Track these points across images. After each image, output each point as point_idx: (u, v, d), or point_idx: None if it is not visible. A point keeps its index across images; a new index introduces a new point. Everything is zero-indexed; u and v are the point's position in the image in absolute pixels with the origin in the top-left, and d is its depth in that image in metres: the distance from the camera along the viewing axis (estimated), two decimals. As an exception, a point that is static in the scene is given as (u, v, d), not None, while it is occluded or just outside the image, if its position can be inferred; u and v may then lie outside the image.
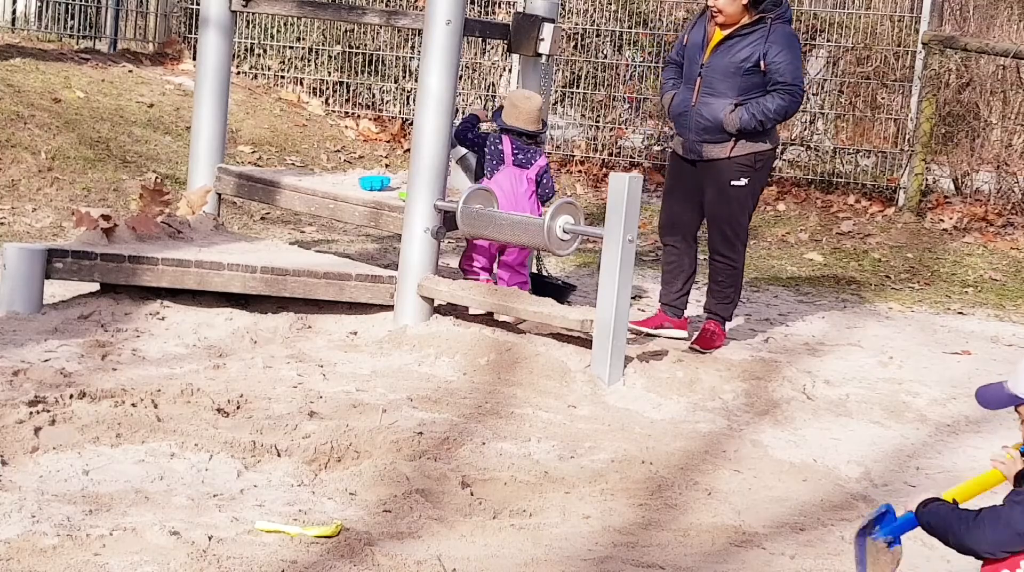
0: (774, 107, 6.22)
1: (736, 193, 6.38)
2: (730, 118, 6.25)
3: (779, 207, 10.74)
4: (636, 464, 4.58)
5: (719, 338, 6.46)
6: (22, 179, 8.28)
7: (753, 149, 6.35)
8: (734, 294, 6.53)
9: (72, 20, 11.97)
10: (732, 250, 6.46)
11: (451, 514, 4.06)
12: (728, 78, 6.27)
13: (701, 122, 6.34)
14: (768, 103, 6.23)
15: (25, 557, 3.42)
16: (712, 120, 6.30)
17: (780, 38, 6.24)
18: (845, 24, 11.28)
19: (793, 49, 6.28)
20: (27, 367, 5.04)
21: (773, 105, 6.22)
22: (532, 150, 6.45)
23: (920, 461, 5.04)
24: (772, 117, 6.25)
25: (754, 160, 6.38)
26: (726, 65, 6.27)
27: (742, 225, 6.47)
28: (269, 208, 8.61)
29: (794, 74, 6.25)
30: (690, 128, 6.39)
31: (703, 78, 6.34)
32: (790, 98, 6.24)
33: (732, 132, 6.27)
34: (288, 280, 6.07)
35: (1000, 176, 10.78)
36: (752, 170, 6.38)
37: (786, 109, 6.27)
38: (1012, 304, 8.43)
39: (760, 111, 6.22)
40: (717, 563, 3.89)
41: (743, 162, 6.35)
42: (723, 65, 6.28)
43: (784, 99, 6.22)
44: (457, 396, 5.21)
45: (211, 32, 6.85)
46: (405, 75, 12.19)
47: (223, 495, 4.04)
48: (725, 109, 6.26)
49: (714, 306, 6.50)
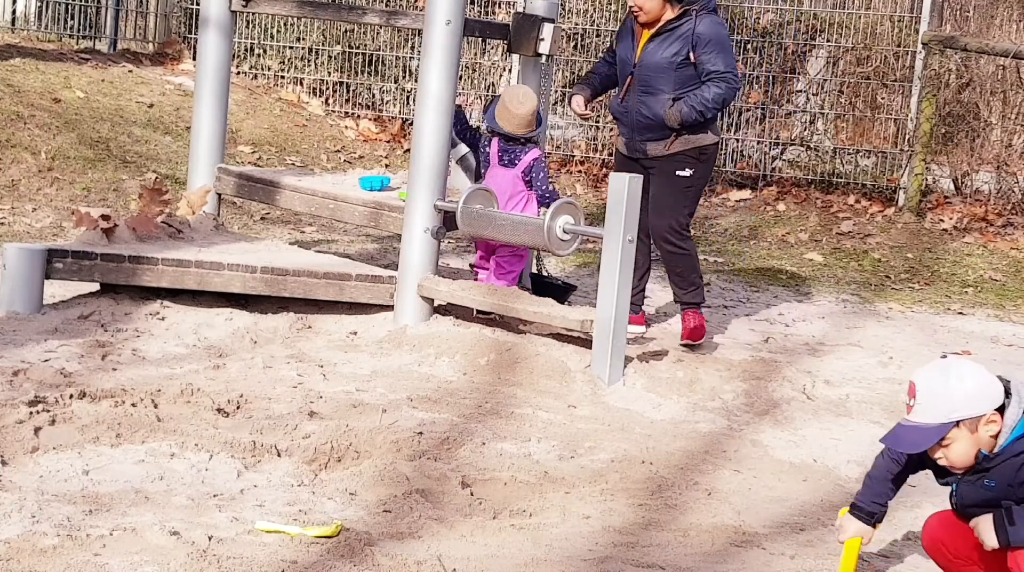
0: (711, 96, 6.26)
1: (681, 182, 6.46)
2: (670, 113, 6.31)
3: (779, 207, 10.74)
4: (636, 464, 4.58)
5: (701, 326, 6.49)
6: (22, 179, 8.28)
7: (696, 143, 6.42)
8: (697, 279, 6.58)
9: (72, 20, 11.97)
10: (681, 239, 6.51)
11: (451, 514, 4.06)
12: (661, 74, 6.32)
13: (642, 121, 6.41)
14: (705, 93, 6.26)
15: (25, 557, 3.42)
16: (652, 117, 6.37)
17: (707, 28, 6.26)
18: (845, 24, 11.27)
19: (721, 38, 6.31)
20: (27, 367, 5.04)
21: (710, 94, 6.26)
22: (519, 148, 6.41)
23: (920, 461, 5.03)
24: (711, 106, 6.29)
25: (698, 153, 6.46)
26: (658, 62, 6.32)
27: (687, 215, 6.56)
28: (269, 208, 8.60)
29: (726, 61, 6.28)
30: (632, 127, 6.47)
31: (636, 78, 6.40)
32: (726, 85, 6.27)
33: (674, 127, 6.33)
34: (288, 280, 6.07)
35: (1000, 176, 10.78)
36: (697, 162, 6.48)
37: (723, 97, 6.30)
38: (1012, 304, 8.43)
39: (699, 102, 6.26)
40: (717, 563, 3.90)
41: (688, 154, 6.44)
42: (655, 63, 6.33)
43: (720, 87, 6.26)
44: (457, 396, 5.21)
45: (211, 32, 6.85)
46: (405, 75, 12.19)
47: (223, 495, 4.04)
48: (664, 105, 6.32)
49: (684, 296, 6.53)
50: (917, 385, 3.46)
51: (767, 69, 11.32)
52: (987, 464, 3.47)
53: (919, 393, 3.45)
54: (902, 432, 3.49)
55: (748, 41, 11.34)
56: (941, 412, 3.42)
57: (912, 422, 3.47)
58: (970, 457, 3.46)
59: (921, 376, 3.48)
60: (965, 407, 3.41)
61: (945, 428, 3.42)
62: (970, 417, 3.41)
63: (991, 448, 3.46)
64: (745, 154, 11.45)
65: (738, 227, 10.25)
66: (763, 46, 11.33)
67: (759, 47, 11.34)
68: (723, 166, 11.26)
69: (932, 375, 3.46)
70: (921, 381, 3.46)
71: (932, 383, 3.44)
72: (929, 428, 3.43)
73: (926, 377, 3.46)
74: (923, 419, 3.44)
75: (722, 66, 6.25)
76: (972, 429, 3.43)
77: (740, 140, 11.42)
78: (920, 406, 3.44)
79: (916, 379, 3.48)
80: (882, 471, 3.77)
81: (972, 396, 3.41)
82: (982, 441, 3.44)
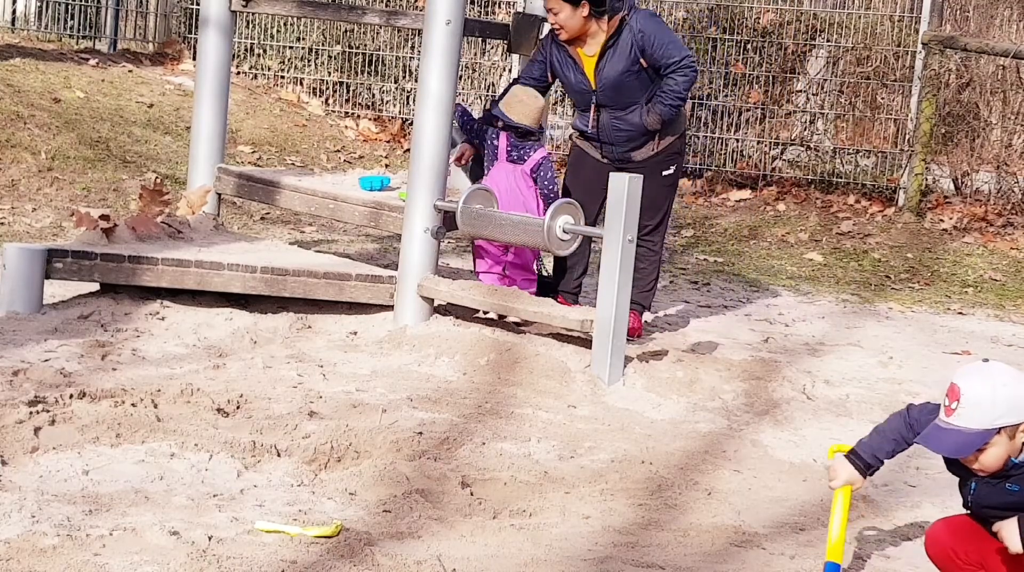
0: (680, 86, 6.27)
1: (666, 181, 6.50)
2: (651, 118, 6.33)
3: (779, 207, 10.74)
4: (636, 464, 4.58)
5: (638, 328, 6.50)
6: (22, 179, 8.28)
7: (675, 132, 6.48)
8: (654, 282, 6.63)
9: (72, 20, 11.97)
10: (655, 237, 6.55)
11: (451, 514, 4.06)
12: (626, 89, 6.32)
13: (623, 134, 6.43)
14: (672, 85, 6.26)
15: (25, 557, 3.42)
16: (635, 128, 6.39)
17: (643, 27, 6.23)
18: (845, 24, 11.27)
19: (661, 29, 6.30)
20: (27, 367, 5.04)
21: (678, 85, 6.26)
22: (528, 145, 6.42)
23: (920, 461, 5.03)
24: (683, 95, 6.31)
25: (680, 145, 6.56)
26: (617, 81, 6.30)
27: (667, 212, 6.61)
28: (269, 208, 8.60)
29: (676, 49, 6.26)
30: (612, 143, 6.48)
31: (600, 101, 6.40)
32: (688, 70, 6.26)
33: (657, 128, 6.36)
34: (288, 280, 6.07)
35: (1000, 176, 10.78)
36: (678, 156, 6.57)
37: (689, 82, 6.31)
38: (1012, 304, 8.43)
39: (670, 96, 6.27)
40: (717, 563, 3.89)
41: (671, 150, 6.50)
42: (613, 82, 6.31)
43: (684, 74, 6.25)
44: (457, 396, 5.21)
45: (211, 32, 6.84)
46: (405, 75, 12.19)
47: (223, 495, 4.04)
48: (641, 113, 6.34)
49: (636, 295, 6.43)
50: (961, 389, 3.41)
51: (767, 69, 11.32)
52: (1015, 471, 3.44)
53: (963, 397, 3.40)
54: (943, 435, 3.44)
55: (748, 41, 11.34)
56: (987, 418, 3.37)
57: (954, 425, 3.41)
58: (1001, 462, 3.43)
59: (965, 379, 3.43)
60: (1008, 414, 3.37)
61: (989, 434, 3.38)
62: (1012, 424, 3.38)
63: (1018, 453, 3.43)
64: (745, 154, 11.45)
65: (738, 227, 10.24)
66: (763, 46, 11.33)
67: (759, 47, 11.34)
68: (723, 166, 11.27)
69: (977, 379, 3.41)
70: (966, 385, 3.42)
71: (978, 388, 3.40)
72: (972, 433, 3.39)
73: (971, 381, 3.41)
74: (966, 424, 3.39)
75: (676, 55, 6.24)
76: (1011, 435, 3.40)
77: (740, 140, 11.42)
78: (964, 410, 3.39)
79: (960, 382, 3.43)
80: (893, 431, 3.76)
81: (1015, 403, 3.38)
82: (1015, 447, 3.41)
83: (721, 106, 11.40)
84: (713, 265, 9.02)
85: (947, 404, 3.44)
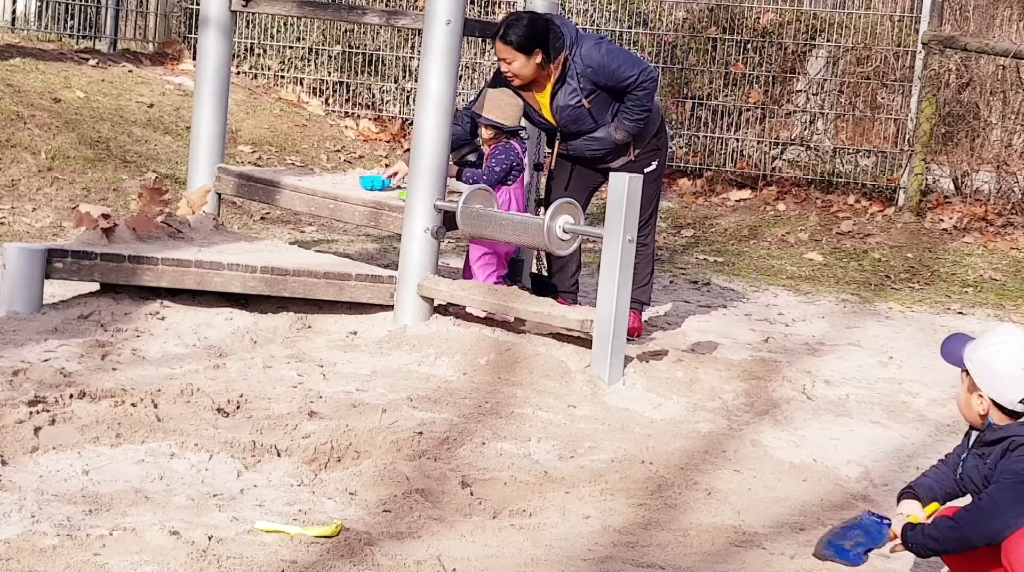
0: (641, 101, 6.28)
1: (649, 177, 6.48)
2: (619, 135, 6.37)
3: (779, 207, 10.74)
4: (636, 464, 4.58)
5: (638, 328, 6.51)
6: (22, 179, 8.28)
7: (650, 135, 6.50)
8: (649, 276, 6.63)
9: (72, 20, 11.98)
10: (645, 231, 6.54)
11: (451, 514, 4.06)
12: (586, 116, 6.33)
13: (598, 152, 6.47)
14: (634, 101, 6.27)
15: (25, 557, 3.42)
16: (607, 146, 6.44)
17: (588, 60, 6.21)
18: (845, 24, 11.27)
19: (605, 55, 6.24)
20: (27, 367, 5.03)
21: (639, 100, 6.28)
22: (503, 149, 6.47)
23: (920, 461, 5.03)
24: (647, 107, 6.32)
25: (657, 142, 6.57)
26: (573, 112, 6.31)
27: (655, 206, 6.63)
28: (269, 208, 8.61)
29: (628, 68, 6.24)
30: (591, 159, 6.53)
31: (564, 133, 6.44)
32: (646, 83, 6.25)
33: (628, 142, 6.41)
34: (288, 280, 6.07)
35: (1000, 176, 10.78)
36: (658, 151, 6.59)
37: (649, 95, 6.31)
38: (1012, 304, 8.43)
39: (634, 112, 6.30)
40: (717, 563, 3.89)
41: (649, 149, 6.53)
42: (570, 115, 6.32)
43: (643, 88, 6.26)
44: (457, 396, 5.21)
45: (211, 32, 6.84)
46: (405, 75, 12.19)
47: (223, 495, 4.04)
48: (608, 131, 6.37)
49: (633, 293, 6.47)
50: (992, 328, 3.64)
51: (767, 69, 11.33)
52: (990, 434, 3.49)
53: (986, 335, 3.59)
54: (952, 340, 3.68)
55: (748, 41, 11.34)
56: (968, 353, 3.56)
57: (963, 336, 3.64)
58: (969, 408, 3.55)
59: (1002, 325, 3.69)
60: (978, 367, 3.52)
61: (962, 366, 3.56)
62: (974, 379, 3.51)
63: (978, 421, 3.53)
64: (745, 154, 11.45)
65: (738, 227, 10.25)
66: (763, 46, 11.33)
67: (759, 47, 11.34)
68: (723, 166, 11.27)
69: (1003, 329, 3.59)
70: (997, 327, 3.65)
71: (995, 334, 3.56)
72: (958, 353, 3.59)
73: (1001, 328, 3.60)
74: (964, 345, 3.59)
75: (630, 73, 6.23)
76: (969, 388, 3.54)
77: (740, 140, 11.42)
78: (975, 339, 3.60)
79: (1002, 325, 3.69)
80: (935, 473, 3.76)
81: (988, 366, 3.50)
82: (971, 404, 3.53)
83: (721, 106, 11.41)
84: (713, 265, 9.03)
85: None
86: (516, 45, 6.17)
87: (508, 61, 6.22)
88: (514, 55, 6.19)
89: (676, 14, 11.69)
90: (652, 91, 6.31)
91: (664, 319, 7.13)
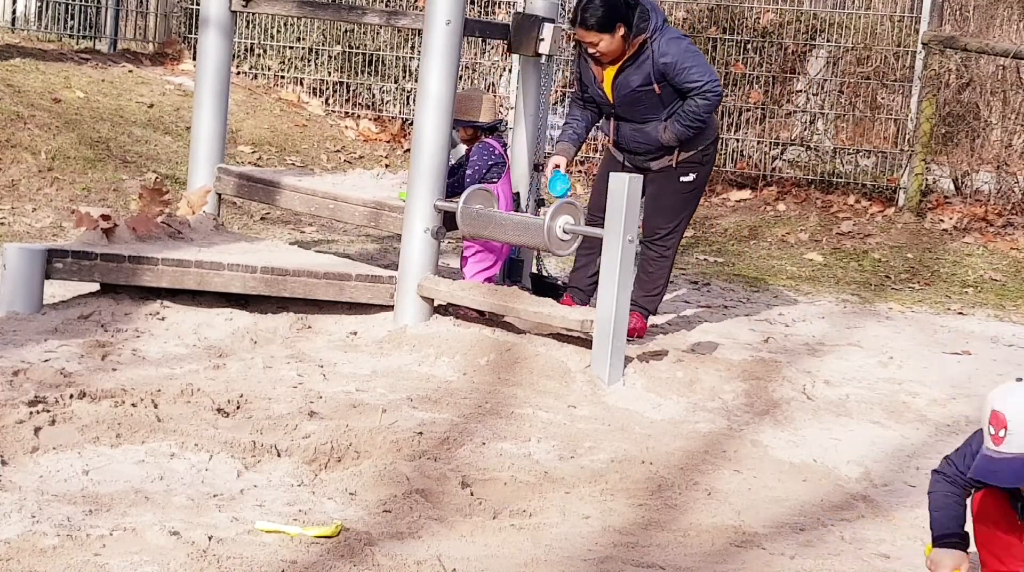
0: (700, 109, 6.28)
1: (684, 187, 6.51)
2: (666, 135, 6.36)
3: (779, 207, 10.74)
4: (636, 464, 4.58)
5: (641, 329, 6.49)
6: (22, 179, 8.28)
7: (697, 146, 6.46)
8: (663, 288, 6.61)
9: (72, 20, 11.97)
10: (669, 243, 6.55)
11: (451, 514, 4.06)
12: (641, 105, 6.34)
13: (642, 146, 6.46)
14: (693, 107, 6.29)
15: (25, 557, 3.42)
16: (651, 143, 6.42)
17: (665, 52, 6.22)
18: (845, 24, 11.27)
19: (684, 54, 6.25)
20: (27, 367, 5.04)
21: (699, 108, 6.28)
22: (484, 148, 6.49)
23: (920, 461, 5.03)
24: (703, 117, 6.32)
25: (701, 156, 6.51)
26: (632, 97, 6.33)
27: (684, 218, 6.59)
28: (269, 208, 8.60)
29: (700, 73, 6.25)
30: (632, 152, 6.51)
31: (619, 115, 6.43)
32: (710, 94, 6.27)
33: (673, 146, 6.39)
34: (288, 280, 6.07)
35: (1000, 176, 10.77)
36: (700, 165, 6.54)
37: (710, 107, 6.32)
38: (1012, 304, 8.43)
39: (688, 118, 6.30)
40: (717, 563, 3.89)
41: (691, 160, 6.49)
42: (629, 98, 6.34)
43: (705, 98, 6.27)
44: (457, 396, 5.21)
45: (211, 32, 6.84)
46: (405, 75, 12.19)
47: (223, 495, 4.04)
48: (658, 129, 6.36)
49: (640, 298, 6.49)
50: (1007, 414, 3.33)
51: (767, 69, 11.32)
52: None
53: (1011, 423, 3.31)
54: (1000, 465, 3.36)
55: (748, 41, 11.34)
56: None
57: (1008, 454, 3.34)
58: None
59: (1007, 404, 3.35)
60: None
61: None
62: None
63: None
64: (745, 154, 11.45)
65: (738, 227, 10.25)
66: (763, 46, 11.33)
67: (759, 47, 11.34)
68: (723, 166, 11.27)
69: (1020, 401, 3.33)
70: (1011, 410, 3.33)
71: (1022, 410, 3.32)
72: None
73: (1014, 404, 3.33)
74: (1019, 450, 3.33)
75: (699, 78, 6.25)
76: None
77: (740, 140, 11.42)
78: (1014, 436, 3.31)
79: (1002, 408, 3.34)
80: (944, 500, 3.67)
81: None
82: None
83: (721, 106, 11.40)
84: (713, 265, 9.03)
85: (993, 433, 3.35)
86: (598, 26, 6.17)
87: (594, 43, 6.22)
88: (598, 36, 6.19)
89: (676, 14, 11.68)
90: (712, 103, 6.30)
91: (664, 319, 7.13)
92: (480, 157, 6.40)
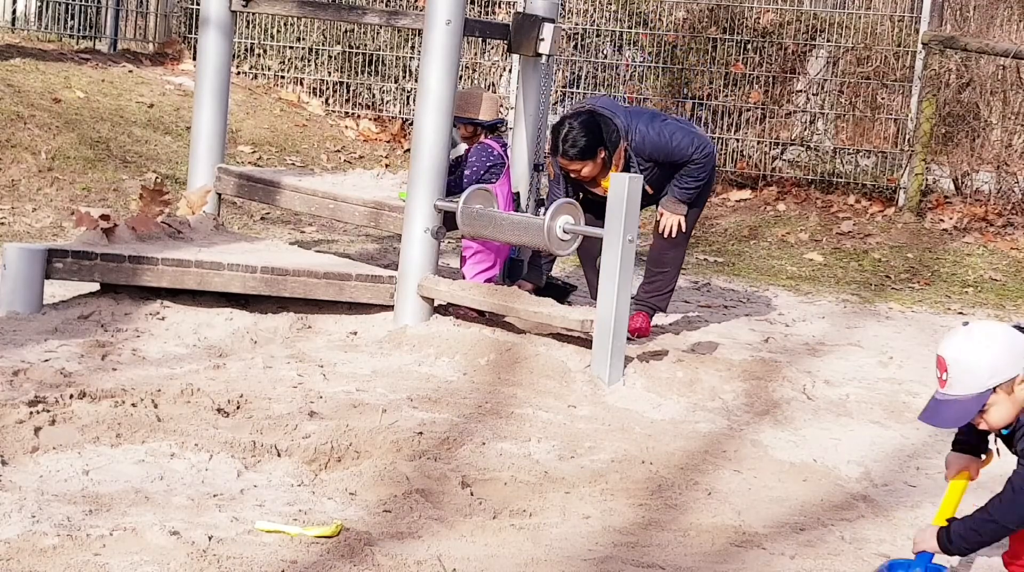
0: (696, 174, 6.39)
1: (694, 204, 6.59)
2: (671, 205, 6.45)
3: (779, 207, 10.74)
4: (636, 464, 4.58)
5: (645, 329, 6.51)
6: (22, 179, 8.28)
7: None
8: (671, 289, 6.64)
9: (72, 20, 11.98)
10: (680, 242, 6.56)
11: (451, 514, 4.06)
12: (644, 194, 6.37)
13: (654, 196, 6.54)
14: (688, 173, 6.38)
15: (25, 557, 3.42)
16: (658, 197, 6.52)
17: (646, 144, 6.30)
18: (845, 24, 11.27)
19: (663, 134, 6.31)
20: (27, 367, 5.04)
21: (695, 173, 6.38)
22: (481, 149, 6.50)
23: (920, 461, 5.04)
24: (701, 178, 6.42)
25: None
26: None
27: (691, 221, 6.62)
28: (269, 208, 8.61)
29: (687, 144, 6.32)
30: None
31: None
32: (703, 158, 6.35)
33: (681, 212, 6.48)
34: (288, 280, 6.07)
35: (1000, 176, 10.78)
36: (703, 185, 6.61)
37: (704, 168, 6.40)
38: (1012, 304, 8.43)
39: (688, 182, 6.40)
40: (717, 563, 3.89)
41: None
42: None
43: (698, 163, 6.36)
44: (457, 396, 5.21)
45: (211, 32, 6.85)
46: (405, 75, 12.19)
47: (223, 495, 4.04)
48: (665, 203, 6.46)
49: (648, 297, 6.53)
50: (946, 358, 3.42)
51: (767, 69, 11.33)
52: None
53: (950, 366, 3.40)
54: (941, 408, 3.45)
55: (748, 41, 11.34)
56: (978, 381, 3.38)
57: (948, 396, 3.43)
58: (1011, 416, 3.43)
59: (948, 347, 3.43)
60: (998, 372, 3.37)
61: (984, 396, 3.39)
62: (1006, 380, 3.38)
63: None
64: (745, 154, 11.45)
65: (738, 227, 10.25)
66: (763, 46, 11.33)
67: (759, 47, 11.35)
68: (723, 166, 11.27)
69: (960, 344, 3.42)
70: (950, 353, 3.42)
71: (962, 353, 3.40)
72: (968, 399, 3.40)
73: (954, 348, 3.42)
74: (959, 391, 3.40)
75: (686, 148, 6.32)
76: (1008, 391, 3.40)
77: (740, 140, 11.42)
78: (953, 379, 3.40)
79: (944, 352, 3.43)
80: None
81: (1002, 360, 3.38)
82: (1018, 400, 3.41)
83: (721, 106, 11.41)
84: (713, 265, 9.03)
85: (938, 376, 3.46)
86: (579, 156, 6.24)
87: (577, 170, 6.30)
88: (581, 164, 6.27)
89: (676, 14, 11.69)
90: (705, 166, 6.38)
91: (664, 319, 7.13)
92: (478, 158, 6.40)
